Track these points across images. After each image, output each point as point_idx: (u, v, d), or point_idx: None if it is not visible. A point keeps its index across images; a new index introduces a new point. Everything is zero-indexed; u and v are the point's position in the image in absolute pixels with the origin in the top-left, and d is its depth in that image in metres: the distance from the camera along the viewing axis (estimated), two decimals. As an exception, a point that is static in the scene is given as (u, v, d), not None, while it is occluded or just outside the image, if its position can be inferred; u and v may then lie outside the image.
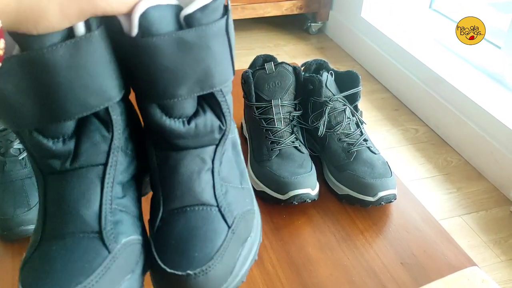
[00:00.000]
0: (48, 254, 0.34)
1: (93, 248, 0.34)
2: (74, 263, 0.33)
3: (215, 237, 0.36)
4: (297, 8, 2.13)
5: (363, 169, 0.66)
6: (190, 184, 0.38)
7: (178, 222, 0.37)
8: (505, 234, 1.23)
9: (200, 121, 0.37)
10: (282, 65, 0.71)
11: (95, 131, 0.35)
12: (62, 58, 0.30)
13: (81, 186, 0.35)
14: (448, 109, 1.53)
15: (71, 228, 0.35)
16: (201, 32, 0.33)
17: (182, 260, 0.35)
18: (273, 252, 0.60)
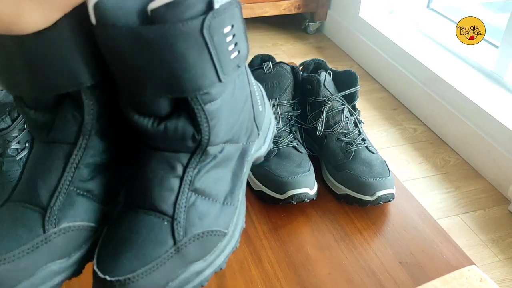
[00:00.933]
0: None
1: (30, 222, 0.34)
2: (8, 232, 0.33)
3: (153, 249, 0.34)
4: (295, 7, 2.13)
5: (361, 168, 0.66)
6: (150, 186, 0.36)
7: (127, 222, 0.36)
8: (503, 233, 1.23)
9: (171, 124, 0.35)
10: (280, 64, 0.71)
11: (67, 110, 0.35)
12: (31, 40, 0.31)
13: (47, 160, 0.36)
14: (446, 108, 1.54)
15: (26, 197, 0.35)
16: (164, 31, 0.29)
17: (111, 263, 0.34)
18: (271, 252, 0.60)
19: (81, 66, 0.33)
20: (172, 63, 0.31)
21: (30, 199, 0.35)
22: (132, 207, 0.37)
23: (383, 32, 1.85)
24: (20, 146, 0.61)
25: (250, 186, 0.68)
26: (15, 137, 0.61)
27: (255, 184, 0.67)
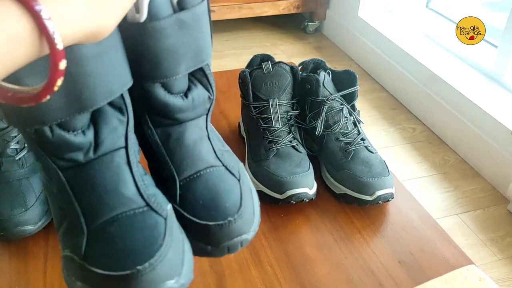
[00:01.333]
0: (109, 237, 0.35)
1: (150, 219, 0.36)
2: (140, 235, 0.35)
3: (233, 189, 0.42)
4: (294, 7, 2.13)
5: (361, 168, 0.66)
6: (196, 151, 0.42)
7: (198, 185, 0.41)
8: (502, 233, 1.23)
9: (195, 94, 0.40)
10: (279, 64, 0.71)
11: (111, 117, 0.36)
12: (88, 49, 0.31)
13: (111, 171, 0.36)
14: (445, 108, 1.54)
15: (120, 209, 0.36)
16: (194, 12, 0.37)
17: (218, 213, 0.40)
18: (271, 252, 0.60)
19: (125, 67, 0.35)
20: (199, 38, 0.38)
21: (129, 206, 0.37)
22: (190, 176, 0.41)
23: (382, 32, 1.85)
24: (19, 146, 0.61)
25: (250, 186, 0.68)
26: (14, 137, 0.61)
27: (255, 184, 0.67)
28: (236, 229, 0.40)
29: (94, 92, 0.33)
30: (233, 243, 0.41)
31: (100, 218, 0.36)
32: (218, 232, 0.39)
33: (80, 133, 0.35)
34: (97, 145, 0.36)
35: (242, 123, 0.78)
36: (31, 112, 0.32)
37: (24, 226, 0.57)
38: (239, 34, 2.22)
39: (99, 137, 0.35)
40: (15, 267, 0.57)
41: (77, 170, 0.36)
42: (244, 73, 0.71)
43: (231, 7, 2.02)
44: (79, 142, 0.35)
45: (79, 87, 0.32)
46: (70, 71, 0.30)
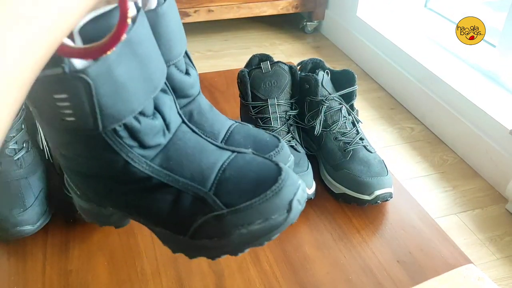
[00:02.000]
0: (233, 180, 0.38)
1: (247, 156, 0.40)
2: (255, 167, 0.39)
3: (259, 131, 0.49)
4: (292, 7, 2.13)
5: (359, 167, 0.66)
6: (217, 115, 0.47)
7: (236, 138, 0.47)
8: (500, 232, 1.23)
9: (191, 71, 0.45)
10: (278, 64, 0.71)
11: (164, 98, 0.38)
12: (142, 31, 0.34)
13: (191, 140, 0.39)
14: (443, 107, 1.54)
15: (220, 161, 0.39)
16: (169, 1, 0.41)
17: (269, 146, 0.47)
18: (270, 251, 0.60)
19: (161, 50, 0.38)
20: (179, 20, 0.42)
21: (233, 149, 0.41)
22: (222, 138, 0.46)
23: (381, 31, 1.85)
24: (17, 146, 0.61)
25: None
26: (13, 137, 0.61)
27: (253, 183, 0.67)
28: (286, 152, 0.47)
29: (158, 72, 0.36)
30: (290, 163, 0.48)
31: (211, 176, 0.38)
32: (277, 158, 0.45)
33: (153, 118, 0.37)
34: (167, 125, 0.38)
35: (241, 123, 0.78)
36: (124, 100, 0.33)
37: (22, 226, 0.57)
38: (238, 34, 2.21)
39: (166, 118, 0.38)
40: (14, 267, 0.57)
41: (164, 153, 0.38)
42: (243, 73, 0.71)
43: (230, 7, 2.02)
44: (159, 124, 0.37)
45: (150, 66, 0.35)
46: (139, 52, 0.33)
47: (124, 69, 0.32)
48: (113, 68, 0.31)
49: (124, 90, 0.33)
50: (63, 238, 0.60)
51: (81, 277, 0.56)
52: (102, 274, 0.56)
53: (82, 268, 0.57)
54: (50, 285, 0.55)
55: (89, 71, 0.30)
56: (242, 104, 0.75)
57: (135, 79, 0.33)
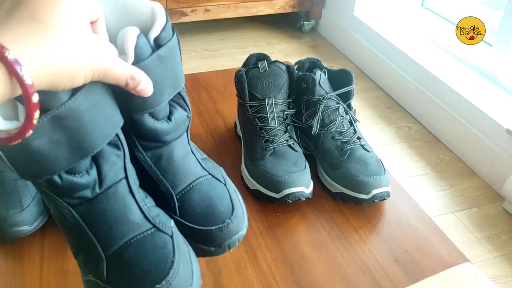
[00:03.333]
0: (126, 261, 0.39)
1: (159, 239, 0.40)
2: (153, 255, 0.39)
3: (223, 193, 0.47)
4: (290, 6, 2.13)
5: (357, 167, 0.66)
6: (185, 166, 0.46)
7: (193, 196, 0.46)
8: (497, 230, 1.24)
9: (176, 116, 0.44)
10: (275, 63, 0.71)
11: (110, 154, 0.39)
12: (82, 103, 0.34)
13: (117, 202, 0.40)
14: (440, 106, 1.54)
15: (131, 234, 0.40)
16: (169, 47, 0.40)
17: (216, 217, 0.45)
18: (267, 251, 0.60)
19: (115, 109, 0.38)
20: (175, 67, 0.42)
21: (139, 230, 0.40)
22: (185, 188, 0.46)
23: (378, 30, 1.85)
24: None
25: (246, 185, 0.68)
26: (9, 137, 0.61)
27: (251, 183, 0.67)
28: (234, 228, 0.45)
29: (93, 139, 0.36)
30: (232, 241, 0.46)
31: (115, 245, 0.40)
32: (219, 234, 0.45)
33: (85, 173, 0.38)
34: (101, 181, 0.39)
35: (238, 122, 0.78)
36: (40, 165, 0.34)
37: (19, 226, 0.57)
38: (235, 34, 2.21)
39: (102, 174, 0.39)
40: (11, 268, 0.56)
41: (87, 205, 0.39)
42: (240, 72, 0.71)
43: (227, 6, 2.02)
44: (86, 181, 0.38)
45: (80, 137, 0.35)
46: (70, 125, 0.34)
47: (43, 141, 0.33)
48: (27, 143, 0.32)
49: (41, 158, 0.34)
50: (61, 239, 0.60)
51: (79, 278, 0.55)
52: (100, 274, 0.56)
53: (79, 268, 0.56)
54: (47, 286, 0.54)
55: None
56: (239, 103, 0.75)
57: (57, 148, 0.34)
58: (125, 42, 0.37)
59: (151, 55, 0.38)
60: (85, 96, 0.34)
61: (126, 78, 0.35)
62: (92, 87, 0.34)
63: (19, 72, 0.27)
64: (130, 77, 0.35)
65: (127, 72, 0.35)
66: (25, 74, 0.27)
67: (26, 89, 0.28)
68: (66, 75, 0.31)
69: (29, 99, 0.28)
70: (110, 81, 0.35)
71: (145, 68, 0.37)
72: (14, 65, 0.27)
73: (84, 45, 0.31)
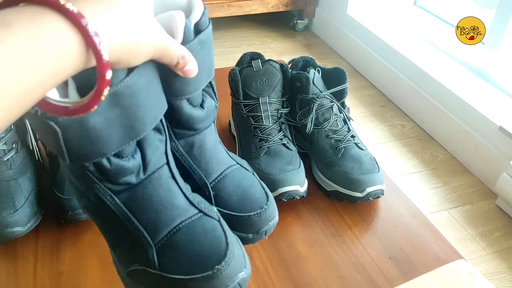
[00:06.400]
0: (178, 246, 0.39)
1: (207, 223, 0.40)
2: (205, 239, 0.39)
3: (254, 182, 0.48)
4: (283, 5, 2.13)
5: (351, 165, 0.66)
6: (218, 154, 0.47)
7: (227, 184, 0.46)
8: (490, 227, 1.24)
9: (208, 104, 0.45)
10: (269, 62, 0.71)
11: (153, 138, 0.38)
12: (138, 81, 0.34)
13: (162, 187, 0.39)
14: (433, 104, 1.55)
15: (179, 219, 0.39)
16: (208, 32, 0.41)
17: (253, 204, 0.45)
18: (262, 249, 0.60)
19: (162, 91, 0.38)
20: (211, 55, 0.42)
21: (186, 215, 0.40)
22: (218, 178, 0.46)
23: (371, 29, 1.85)
24: (7, 147, 0.61)
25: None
26: (2, 138, 0.60)
27: (246, 182, 0.67)
28: (270, 214, 0.46)
29: (144, 120, 0.36)
30: (269, 227, 0.47)
31: (163, 231, 0.39)
32: (257, 220, 0.45)
33: (130, 158, 0.37)
34: (145, 166, 0.38)
35: (232, 121, 0.78)
36: (93, 146, 0.34)
37: (13, 227, 0.56)
38: (228, 33, 2.21)
39: (146, 158, 0.38)
40: (5, 269, 0.56)
41: (131, 191, 0.38)
42: (234, 71, 0.71)
43: (220, 5, 2.02)
44: (132, 166, 0.37)
45: (133, 117, 0.34)
46: (126, 103, 0.33)
47: (100, 119, 0.32)
48: (86, 119, 0.32)
49: (96, 137, 0.33)
50: (54, 239, 0.60)
51: (73, 278, 0.55)
52: (94, 274, 0.56)
53: (73, 269, 0.56)
54: (41, 287, 0.54)
55: (59, 120, 0.31)
56: (233, 102, 0.75)
57: (111, 127, 0.34)
58: (174, 23, 0.37)
59: (194, 39, 0.39)
60: (140, 75, 0.34)
61: (178, 57, 0.35)
62: (145, 66, 0.34)
63: (98, 46, 0.26)
64: (181, 56, 0.35)
65: (180, 51, 0.35)
66: (103, 49, 0.26)
67: (102, 64, 0.27)
68: (132, 52, 0.30)
69: (103, 75, 0.27)
70: (164, 60, 0.34)
71: (191, 50, 0.38)
72: (94, 38, 0.26)
73: (149, 23, 0.31)
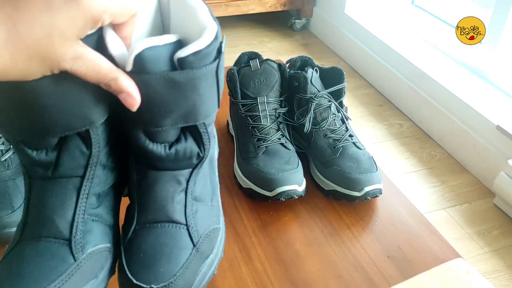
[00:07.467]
0: (21, 255, 0.37)
1: (61, 254, 0.37)
2: (41, 267, 0.36)
3: (180, 254, 0.40)
4: (281, 5, 2.13)
5: (349, 164, 0.66)
6: (164, 202, 0.41)
7: (148, 236, 0.41)
8: (488, 226, 1.25)
9: (181, 147, 0.40)
10: (267, 62, 0.71)
11: (75, 147, 0.37)
12: (47, 86, 0.32)
13: (58, 195, 0.38)
14: (431, 103, 1.55)
15: (45, 232, 0.38)
16: (191, 74, 0.35)
17: (148, 274, 0.39)
18: (261, 249, 0.60)
19: (92, 106, 0.36)
20: (192, 99, 0.37)
21: (51, 233, 0.38)
22: (147, 224, 0.41)
23: (369, 28, 1.86)
24: (4, 147, 0.60)
25: (239, 183, 0.68)
26: (-1, 138, 0.60)
27: (244, 181, 0.67)
28: None
29: (50, 124, 0.35)
30: None
31: (29, 235, 0.38)
32: None
33: (43, 152, 0.37)
34: (56, 166, 0.38)
35: (230, 121, 0.78)
36: (3, 125, 0.35)
37: (10, 228, 0.56)
38: (226, 32, 2.21)
39: (59, 161, 0.37)
40: (2, 269, 0.56)
41: (37, 182, 0.38)
42: (232, 71, 0.71)
43: (218, 5, 2.02)
44: (39, 159, 0.37)
45: (35, 117, 0.34)
46: (28, 101, 0.33)
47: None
48: None
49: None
50: (52, 240, 0.59)
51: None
52: (93, 275, 0.56)
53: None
54: (39, 287, 0.54)
55: None
56: (231, 102, 0.75)
57: (11, 115, 0.35)
58: (130, 48, 0.34)
59: (159, 73, 0.34)
60: (55, 80, 0.32)
61: (106, 78, 0.33)
62: (65, 76, 0.32)
63: None
64: (112, 78, 0.33)
65: (112, 72, 0.33)
66: None
67: None
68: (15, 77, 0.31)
69: None
70: (86, 76, 0.32)
71: (145, 82, 0.34)
72: None
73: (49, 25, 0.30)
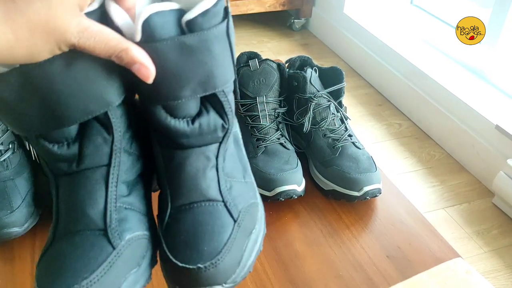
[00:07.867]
0: (59, 251, 0.37)
1: (99, 244, 0.36)
2: (81, 259, 0.35)
3: (222, 231, 0.38)
4: (280, 5, 2.13)
5: (348, 164, 0.66)
6: (196, 181, 0.39)
7: (186, 218, 0.39)
8: (487, 226, 1.25)
9: (204, 120, 0.38)
10: (266, 62, 0.71)
11: (96, 134, 0.36)
12: (59, 67, 0.31)
13: (87, 187, 0.37)
14: (430, 103, 1.55)
15: (79, 226, 0.37)
16: (203, 36, 0.34)
17: (193, 254, 0.37)
18: (260, 249, 0.60)
19: (107, 86, 0.34)
20: (208, 63, 0.35)
21: (85, 226, 0.37)
22: (182, 206, 0.39)
23: (368, 28, 1.86)
24: (3, 147, 0.60)
25: (238, 183, 0.68)
26: (-2, 138, 0.60)
27: (243, 181, 0.67)
28: (207, 278, 0.36)
29: (67, 110, 0.33)
30: None
31: (63, 230, 0.37)
32: (185, 276, 0.37)
33: (64, 145, 0.36)
34: (80, 159, 0.37)
35: (229, 121, 0.78)
36: (13, 121, 0.34)
37: (10, 228, 0.56)
38: (225, 32, 2.21)
39: (82, 152, 0.36)
40: (1, 270, 0.56)
41: (63, 178, 0.38)
42: (231, 71, 0.71)
43: (217, 4, 2.01)
44: (61, 153, 0.36)
45: (52, 105, 0.33)
46: (42, 88, 0.32)
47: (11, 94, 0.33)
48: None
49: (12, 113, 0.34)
50: (52, 240, 0.59)
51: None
52: (92, 275, 0.56)
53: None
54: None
55: None
56: (230, 102, 0.75)
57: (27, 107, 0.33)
58: (136, 16, 0.33)
59: (170, 39, 0.33)
60: (65, 60, 0.31)
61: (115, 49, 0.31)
62: (76, 57, 0.32)
63: None
64: (122, 49, 0.31)
65: (121, 44, 0.31)
66: None
67: None
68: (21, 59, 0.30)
69: None
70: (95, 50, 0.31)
71: (157, 51, 0.33)
72: None
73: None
